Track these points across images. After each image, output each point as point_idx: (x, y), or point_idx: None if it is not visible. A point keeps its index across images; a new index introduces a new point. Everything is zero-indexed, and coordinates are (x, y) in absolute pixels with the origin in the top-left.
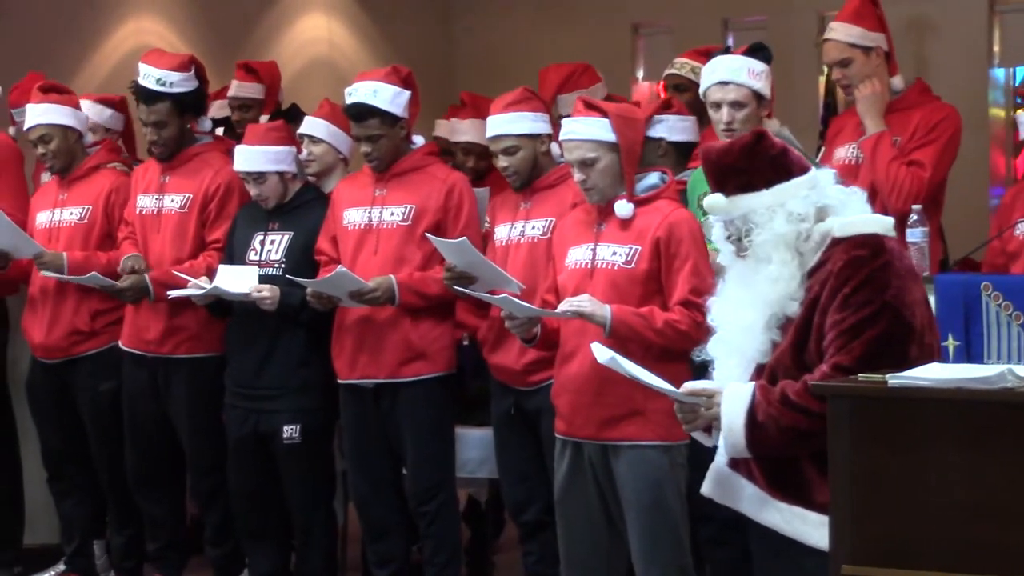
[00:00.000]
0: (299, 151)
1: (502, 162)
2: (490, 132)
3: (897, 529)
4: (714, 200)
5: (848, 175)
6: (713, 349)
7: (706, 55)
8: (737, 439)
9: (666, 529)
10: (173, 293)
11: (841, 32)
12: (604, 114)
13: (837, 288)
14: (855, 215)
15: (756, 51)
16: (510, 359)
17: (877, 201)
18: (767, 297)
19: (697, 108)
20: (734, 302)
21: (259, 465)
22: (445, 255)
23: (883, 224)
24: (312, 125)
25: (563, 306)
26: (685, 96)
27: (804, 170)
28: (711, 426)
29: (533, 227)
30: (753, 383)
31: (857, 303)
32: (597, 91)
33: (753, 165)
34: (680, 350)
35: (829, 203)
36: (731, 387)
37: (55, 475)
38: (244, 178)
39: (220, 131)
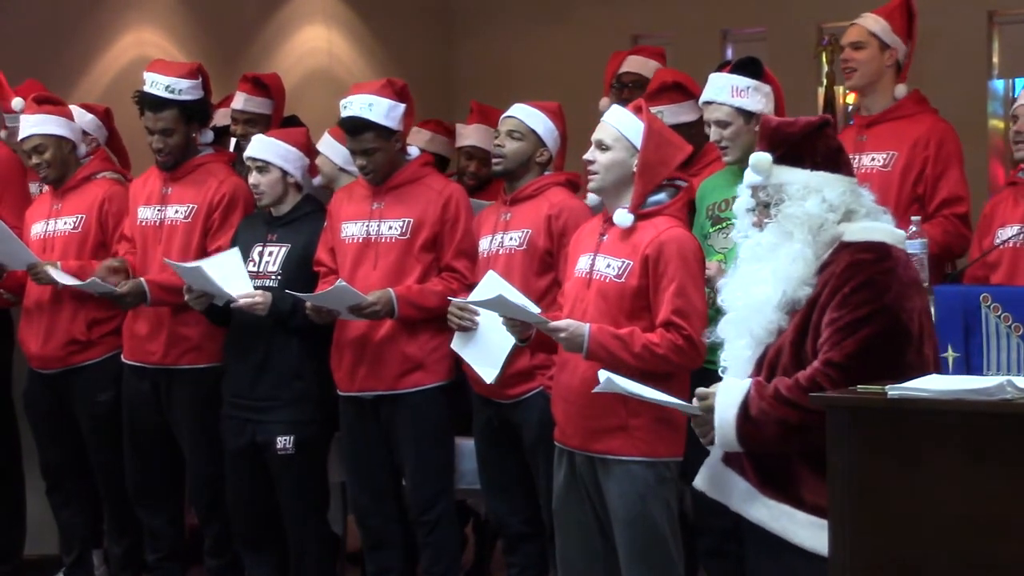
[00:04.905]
0: (312, 166)
1: (498, 140)
2: (506, 113)
3: (896, 540)
4: (761, 157)
5: None
6: (723, 330)
7: (659, 89)
8: (728, 432)
9: (653, 543)
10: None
11: (870, 20)
12: (643, 121)
13: (837, 288)
14: (868, 223)
15: (742, 67)
16: None
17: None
18: (784, 274)
19: None
20: (747, 279)
21: (256, 475)
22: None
23: (894, 235)
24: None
25: (553, 325)
26: None
27: (850, 175)
28: None
29: (511, 238)
30: (749, 380)
31: (855, 303)
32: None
33: (808, 144)
34: (662, 373)
35: (860, 210)
36: (726, 382)
37: (53, 485)
38: (249, 165)
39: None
